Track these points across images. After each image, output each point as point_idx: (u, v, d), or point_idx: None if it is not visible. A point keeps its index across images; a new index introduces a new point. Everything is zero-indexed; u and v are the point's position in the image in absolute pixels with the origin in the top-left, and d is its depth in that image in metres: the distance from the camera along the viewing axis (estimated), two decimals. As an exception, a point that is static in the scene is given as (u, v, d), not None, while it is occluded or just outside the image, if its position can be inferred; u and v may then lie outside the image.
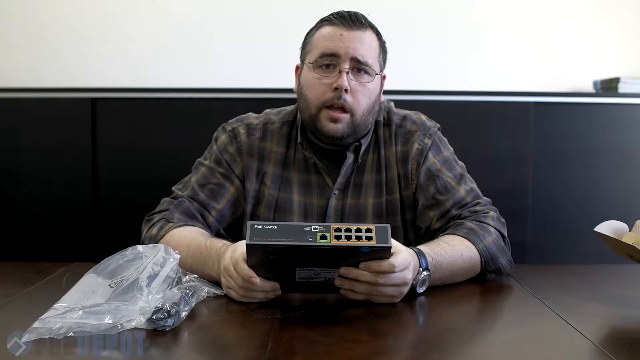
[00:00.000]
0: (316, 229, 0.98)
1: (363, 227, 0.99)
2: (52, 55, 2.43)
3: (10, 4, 2.44)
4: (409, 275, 1.06)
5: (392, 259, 1.02)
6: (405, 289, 1.07)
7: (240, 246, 1.07)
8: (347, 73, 1.28)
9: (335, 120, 1.30)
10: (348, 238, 0.97)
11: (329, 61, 1.29)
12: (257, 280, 1.02)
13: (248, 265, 1.03)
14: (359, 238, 0.97)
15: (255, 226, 0.98)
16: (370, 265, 1.02)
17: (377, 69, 1.33)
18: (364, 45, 1.30)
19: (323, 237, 0.97)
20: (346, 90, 1.28)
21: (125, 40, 2.44)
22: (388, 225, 1.00)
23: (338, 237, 0.97)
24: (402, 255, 1.05)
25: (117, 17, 2.44)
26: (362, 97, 1.31)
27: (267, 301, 1.06)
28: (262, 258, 1.01)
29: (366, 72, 1.31)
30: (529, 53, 2.51)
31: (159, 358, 0.87)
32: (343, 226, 0.98)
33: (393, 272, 1.03)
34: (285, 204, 1.38)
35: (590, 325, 0.99)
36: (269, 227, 0.98)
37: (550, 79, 2.51)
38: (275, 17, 2.45)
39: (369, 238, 0.98)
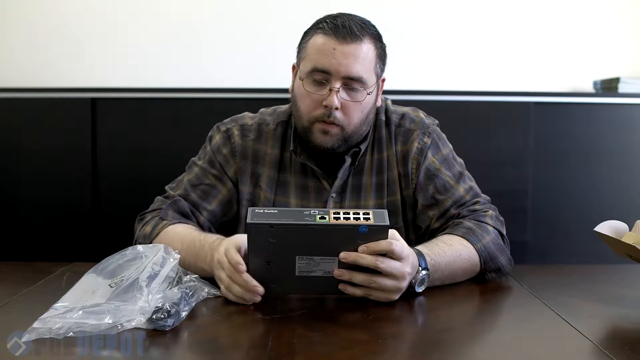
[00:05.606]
0: (315, 212, 1.02)
1: (361, 211, 1.03)
2: (53, 55, 2.43)
3: (10, 4, 2.44)
4: (407, 268, 1.06)
5: (390, 239, 1.03)
6: (404, 284, 1.07)
7: (235, 238, 1.09)
8: (338, 91, 1.25)
9: (326, 133, 1.29)
10: (346, 219, 1.01)
11: (320, 78, 1.26)
12: (243, 267, 1.03)
13: (249, 250, 1.04)
14: (357, 219, 1.01)
15: (256, 210, 1.02)
16: (369, 245, 1.03)
17: (372, 81, 1.29)
18: (357, 61, 1.25)
19: (322, 218, 1.01)
20: (337, 108, 1.26)
21: (125, 41, 2.43)
22: (385, 210, 1.04)
23: (337, 219, 1.01)
24: (402, 242, 1.06)
25: (117, 17, 2.44)
26: (354, 112, 1.28)
27: (266, 301, 1.06)
28: (262, 241, 1.02)
29: (360, 88, 1.27)
30: (529, 53, 2.50)
31: (159, 358, 0.87)
32: (341, 210, 1.03)
33: (392, 249, 1.03)
34: (282, 207, 1.37)
35: (590, 325, 0.99)
36: (269, 210, 1.02)
37: (550, 79, 2.51)
38: (275, 17, 2.45)
39: (366, 219, 1.01)
